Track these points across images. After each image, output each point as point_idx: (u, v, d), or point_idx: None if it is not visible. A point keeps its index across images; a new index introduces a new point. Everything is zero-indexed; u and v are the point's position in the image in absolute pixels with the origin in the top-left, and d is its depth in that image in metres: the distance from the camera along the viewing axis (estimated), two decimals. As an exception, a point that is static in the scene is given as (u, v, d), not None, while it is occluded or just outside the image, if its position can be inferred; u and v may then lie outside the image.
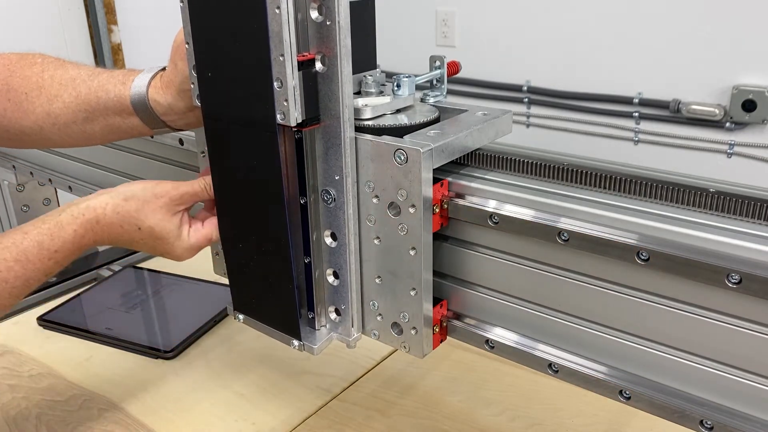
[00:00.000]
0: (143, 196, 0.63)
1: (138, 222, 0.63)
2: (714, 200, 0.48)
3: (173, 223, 0.65)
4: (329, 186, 0.58)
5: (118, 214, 0.63)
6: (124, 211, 0.63)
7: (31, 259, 0.61)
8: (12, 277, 0.61)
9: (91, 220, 0.63)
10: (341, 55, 0.52)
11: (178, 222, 0.65)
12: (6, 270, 0.60)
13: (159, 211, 0.64)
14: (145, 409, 0.87)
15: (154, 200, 0.63)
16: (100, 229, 0.63)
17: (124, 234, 0.64)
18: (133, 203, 0.63)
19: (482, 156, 0.59)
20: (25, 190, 1.32)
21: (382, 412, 0.85)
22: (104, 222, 0.63)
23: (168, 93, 0.66)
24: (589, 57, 2.29)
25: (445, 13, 2.59)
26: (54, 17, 2.24)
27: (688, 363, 0.50)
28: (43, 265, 0.62)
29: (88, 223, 0.63)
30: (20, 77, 0.71)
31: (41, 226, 0.62)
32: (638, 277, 0.50)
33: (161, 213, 0.64)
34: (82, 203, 0.64)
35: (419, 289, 0.57)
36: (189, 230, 0.66)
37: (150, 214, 0.63)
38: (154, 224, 0.64)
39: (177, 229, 0.65)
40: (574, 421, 0.82)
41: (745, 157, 2.10)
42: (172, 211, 0.65)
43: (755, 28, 1.96)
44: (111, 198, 0.63)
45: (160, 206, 0.64)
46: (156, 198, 0.64)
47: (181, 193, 0.65)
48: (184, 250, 0.66)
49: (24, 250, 0.61)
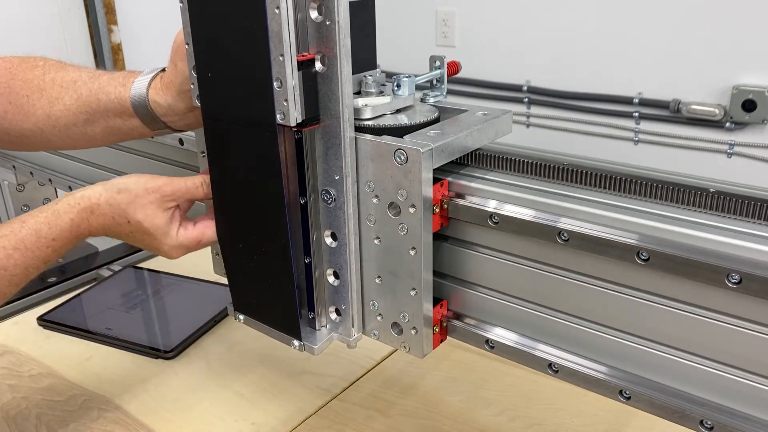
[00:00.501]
0: (135, 190, 0.63)
1: (127, 215, 0.63)
2: (714, 200, 0.48)
3: (162, 219, 0.64)
4: (329, 186, 0.58)
5: (110, 206, 0.63)
6: (115, 203, 0.63)
7: (30, 247, 0.62)
8: (11, 264, 0.61)
9: (86, 209, 0.63)
10: (341, 55, 0.52)
11: (167, 219, 0.64)
12: (5, 258, 0.61)
13: (149, 206, 0.63)
14: (145, 409, 0.87)
15: (145, 194, 0.63)
16: (93, 219, 0.64)
17: (115, 226, 0.64)
18: (125, 196, 0.63)
19: (482, 156, 0.59)
20: (25, 190, 1.32)
21: (382, 412, 0.85)
22: (97, 212, 0.64)
23: (168, 94, 0.66)
24: (589, 57, 2.29)
25: (445, 13, 2.59)
26: (54, 17, 2.24)
27: (688, 363, 0.50)
28: (41, 253, 0.63)
29: (83, 212, 0.63)
30: (21, 80, 0.71)
31: (39, 216, 0.63)
32: (638, 277, 0.50)
33: (151, 208, 0.63)
34: (78, 193, 0.64)
35: (419, 289, 0.57)
36: (179, 229, 0.65)
37: (140, 208, 0.63)
38: (142, 218, 0.63)
39: (165, 226, 0.64)
40: (574, 421, 0.82)
41: (745, 157, 2.11)
42: (163, 207, 0.64)
43: (755, 28, 1.96)
44: (105, 190, 0.64)
45: (150, 201, 0.63)
46: (147, 192, 0.63)
47: (174, 189, 0.64)
48: (171, 247, 0.65)
49: (22, 239, 0.62)
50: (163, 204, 0.64)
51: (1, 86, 0.71)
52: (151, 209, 0.63)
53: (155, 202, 0.64)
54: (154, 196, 0.64)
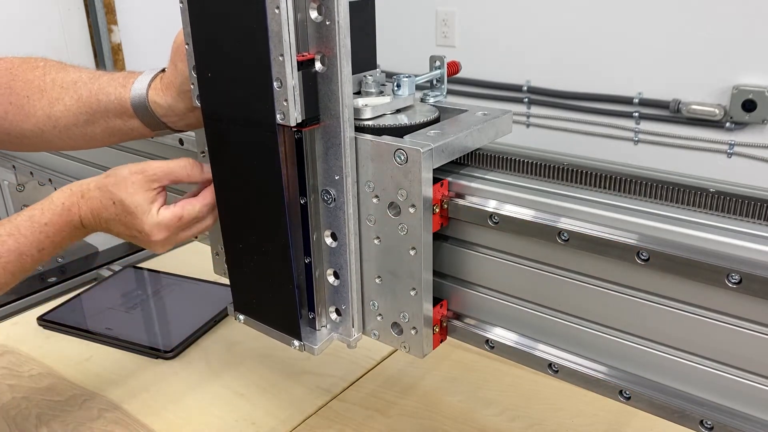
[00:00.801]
0: (122, 173, 0.64)
1: (112, 196, 0.64)
2: (714, 200, 0.48)
3: (143, 197, 0.64)
4: (329, 186, 0.58)
5: (98, 189, 0.65)
6: (103, 186, 0.65)
7: (23, 232, 0.64)
8: (5, 251, 0.63)
9: (76, 193, 0.66)
10: (341, 55, 0.52)
11: (149, 198, 0.64)
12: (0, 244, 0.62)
13: (132, 186, 0.64)
14: (145, 409, 0.87)
15: (130, 176, 0.64)
16: (84, 202, 0.65)
17: (102, 209, 0.65)
18: (112, 179, 0.64)
19: (482, 156, 0.59)
20: (25, 190, 1.32)
21: (382, 412, 0.85)
22: (87, 196, 0.65)
23: (168, 94, 0.66)
24: (589, 57, 2.29)
25: (445, 13, 2.59)
26: (54, 17, 2.24)
27: (688, 363, 0.50)
28: (35, 239, 0.64)
29: (74, 196, 0.65)
30: (22, 81, 0.71)
31: (35, 204, 0.66)
32: (638, 277, 0.50)
33: (133, 187, 0.64)
34: (75, 182, 0.67)
35: (419, 289, 0.57)
36: (160, 208, 0.65)
37: (123, 188, 0.64)
38: (124, 197, 0.64)
39: (147, 205, 0.64)
40: (574, 421, 0.82)
41: (745, 157, 2.10)
42: (146, 187, 0.64)
43: (755, 28, 1.96)
44: (98, 176, 0.66)
45: (133, 181, 0.64)
46: (132, 174, 0.64)
47: (156, 168, 0.64)
48: (152, 225, 0.64)
49: (17, 225, 0.64)
50: (147, 184, 0.64)
51: (2, 87, 0.71)
52: (133, 188, 0.64)
53: (138, 182, 0.64)
54: (137, 177, 0.64)
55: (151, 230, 0.64)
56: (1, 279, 0.63)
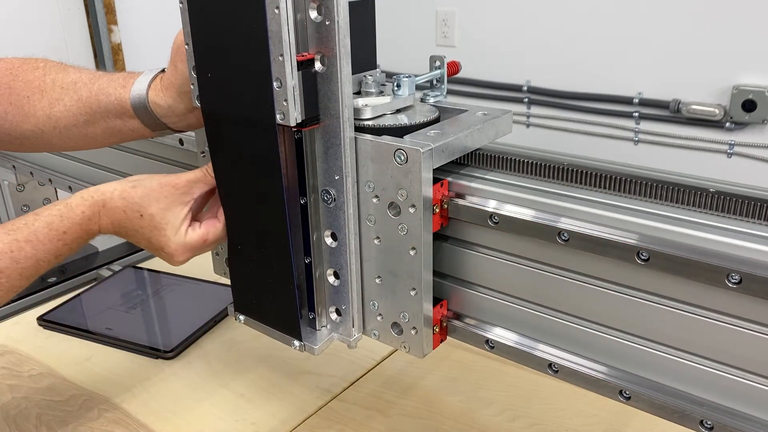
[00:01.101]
0: (149, 184, 0.64)
1: (141, 209, 0.63)
2: (714, 200, 0.48)
3: (175, 214, 0.63)
4: (329, 186, 0.58)
5: (123, 200, 0.63)
6: (129, 197, 0.63)
7: (41, 240, 0.62)
8: (23, 257, 0.61)
9: (98, 202, 0.63)
10: (341, 55, 0.53)
11: (182, 215, 0.64)
12: (17, 250, 0.61)
13: (163, 200, 0.63)
14: (145, 409, 0.87)
15: (159, 188, 0.63)
16: (105, 212, 0.63)
17: (125, 220, 0.64)
18: (139, 190, 0.63)
19: (482, 156, 0.59)
20: (25, 190, 1.32)
21: (382, 412, 0.85)
22: (110, 206, 0.63)
23: (168, 95, 0.66)
24: (589, 57, 2.29)
25: (445, 13, 2.59)
26: (54, 17, 2.24)
27: (688, 363, 0.50)
28: (53, 246, 0.62)
29: (95, 205, 0.63)
30: (22, 81, 0.71)
31: (52, 209, 0.63)
32: (638, 277, 0.50)
33: (165, 202, 0.63)
34: (92, 188, 0.64)
35: (419, 289, 0.57)
36: (188, 228, 0.65)
37: (154, 201, 0.63)
38: (155, 212, 0.63)
39: (179, 222, 0.64)
40: (574, 421, 0.82)
41: (745, 157, 2.11)
42: (177, 201, 0.64)
43: (755, 28, 1.96)
44: (120, 184, 0.64)
45: (165, 195, 0.63)
46: (161, 186, 0.63)
47: (185, 181, 0.64)
48: (178, 245, 0.64)
49: (35, 231, 0.62)
50: (178, 198, 0.64)
51: (2, 87, 0.71)
52: (164, 203, 0.63)
53: (170, 196, 0.63)
54: (167, 190, 0.63)
55: (176, 250, 0.64)
56: (16, 283, 0.62)
